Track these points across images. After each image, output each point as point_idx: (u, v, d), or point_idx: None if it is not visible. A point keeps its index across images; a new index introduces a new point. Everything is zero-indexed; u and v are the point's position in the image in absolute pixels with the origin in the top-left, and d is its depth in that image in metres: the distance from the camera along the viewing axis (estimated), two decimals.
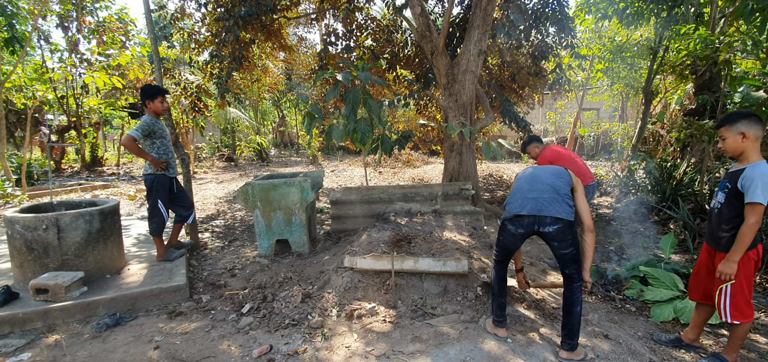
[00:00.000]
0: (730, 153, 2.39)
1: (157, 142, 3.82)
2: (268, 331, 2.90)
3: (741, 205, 2.27)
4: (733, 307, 2.34)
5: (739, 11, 3.61)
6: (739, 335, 2.41)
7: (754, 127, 2.26)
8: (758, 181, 2.17)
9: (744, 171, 2.26)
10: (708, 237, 2.54)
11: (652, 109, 9.35)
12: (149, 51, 8.70)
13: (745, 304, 2.33)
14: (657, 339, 2.84)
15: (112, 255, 3.64)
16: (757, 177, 2.18)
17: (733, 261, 2.29)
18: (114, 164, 13.87)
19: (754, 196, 2.18)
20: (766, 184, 2.16)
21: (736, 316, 2.34)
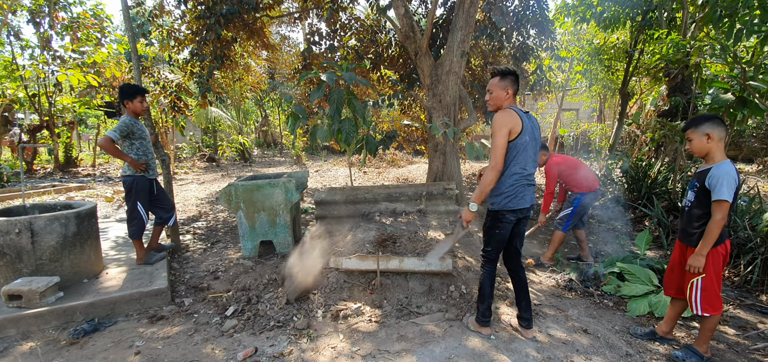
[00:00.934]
0: (696, 153, 2.53)
1: (136, 143, 3.74)
2: (252, 334, 2.88)
3: (709, 203, 2.40)
4: (703, 300, 2.46)
5: (709, 17, 3.77)
6: (709, 327, 2.53)
7: (717, 129, 2.41)
8: (723, 180, 2.31)
9: (710, 170, 2.40)
10: (680, 234, 2.66)
11: (628, 110, 9.65)
12: (126, 48, 8.46)
13: (714, 297, 2.45)
14: (633, 332, 2.95)
15: (90, 259, 3.55)
16: (722, 176, 2.32)
17: (702, 255, 2.41)
18: (89, 165, 13.44)
19: (719, 194, 2.31)
20: (730, 183, 2.30)
21: (707, 309, 2.46)
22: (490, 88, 2.62)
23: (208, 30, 5.99)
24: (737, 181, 2.34)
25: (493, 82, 2.61)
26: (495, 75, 2.62)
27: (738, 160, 11.60)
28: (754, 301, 3.56)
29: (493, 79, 2.62)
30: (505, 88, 2.59)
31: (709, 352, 2.60)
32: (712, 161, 2.44)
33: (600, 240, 5.30)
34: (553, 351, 2.66)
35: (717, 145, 2.43)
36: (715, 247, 2.42)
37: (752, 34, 3.51)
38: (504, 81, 2.59)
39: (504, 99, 2.60)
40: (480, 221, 5.51)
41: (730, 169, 2.35)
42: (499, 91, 2.60)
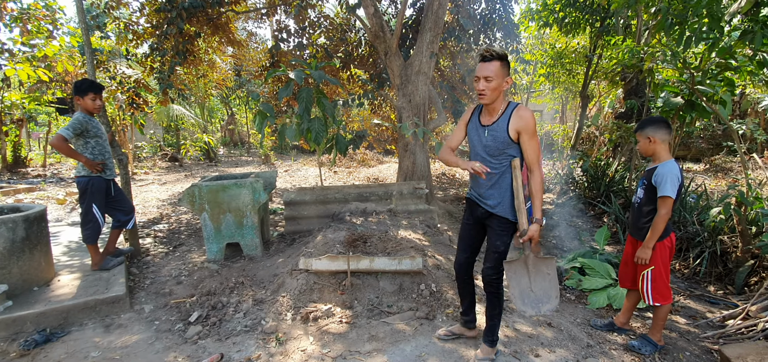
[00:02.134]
0: (643, 153, 2.73)
1: (92, 142, 3.52)
2: (218, 339, 2.78)
3: (656, 199, 2.57)
4: (654, 291, 2.63)
5: (661, 25, 4.00)
6: (661, 316, 2.69)
7: (659, 132, 2.60)
8: (668, 178, 2.50)
9: (656, 168, 2.58)
10: (631, 229, 2.83)
11: (588, 112, 10.11)
12: (80, 41, 7.97)
13: (664, 288, 2.63)
14: (593, 324, 3.08)
15: (40, 265, 3.31)
16: (666, 174, 2.51)
17: (648, 247, 2.59)
18: (40, 165, 12.56)
19: (664, 191, 2.50)
20: (673, 180, 2.49)
21: (657, 299, 2.63)
22: (490, 75, 2.15)
23: (170, 24, 5.74)
24: (680, 179, 2.53)
25: (494, 68, 2.15)
26: (494, 58, 2.15)
27: (687, 159, 12.40)
28: (702, 292, 3.81)
29: (491, 62, 2.16)
30: (505, 77, 2.20)
31: (663, 341, 2.76)
32: (659, 160, 2.62)
33: (563, 236, 5.51)
34: (519, 344, 2.74)
35: (661, 146, 2.61)
36: (662, 240, 2.60)
37: (700, 41, 3.75)
38: (506, 67, 2.20)
39: (503, 90, 2.23)
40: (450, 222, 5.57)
41: (673, 167, 2.53)
42: (501, 80, 2.18)
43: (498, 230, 2.35)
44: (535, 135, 2.20)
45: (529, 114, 2.20)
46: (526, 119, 2.18)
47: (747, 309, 3.04)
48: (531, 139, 2.19)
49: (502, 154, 2.26)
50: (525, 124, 2.18)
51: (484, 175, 2.30)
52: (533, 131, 2.19)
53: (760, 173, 8.05)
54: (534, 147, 2.21)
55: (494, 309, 2.46)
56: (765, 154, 11.17)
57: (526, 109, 2.22)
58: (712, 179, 9.42)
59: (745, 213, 3.78)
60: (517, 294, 2.32)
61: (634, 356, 2.68)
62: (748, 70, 4.09)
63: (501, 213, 2.31)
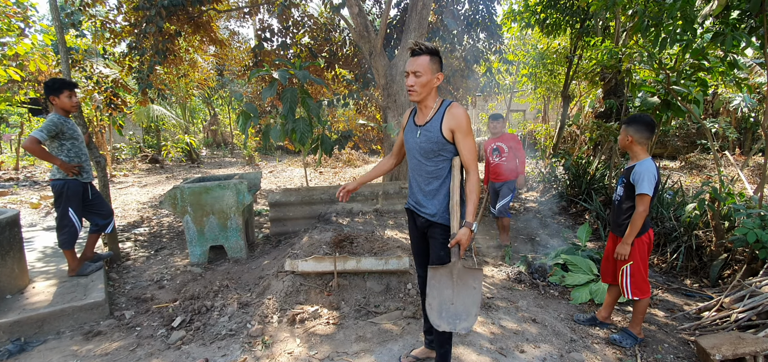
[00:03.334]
0: (620, 148, 2.82)
1: (67, 144, 3.40)
2: (203, 344, 2.73)
3: (635, 197, 2.65)
4: (632, 285, 2.71)
5: (637, 27, 4.11)
6: (640, 309, 2.77)
7: (641, 133, 2.68)
8: (645, 176, 2.58)
9: (634, 167, 2.67)
10: (612, 226, 2.91)
11: (570, 111, 10.31)
12: (54, 39, 7.72)
13: (642, 282, 2.71)
14: (576, 319, 3.15)
15: (13, 272, 3.19)
16: (644, 172, 2.59)
17: (627, 243, 2.67)
18: (12, 168, 12.10)
19: (642, 188, 2.58)
20: (650, 178, 2.58)
21: (636, 292, 2.72)
22: (418, 70, 2.00)
23: (149, 22, 5.60)
24: (657, 177, 2.61)
25: (422, 63, 1.99)
26: (422, 52, 2.01)
27: (663, 157, 12.79)
28: (679, 285, 3.93)
29: (420, 57, 2.00)
30: (435, 73, 2.05)
31: (643, 334, 2.84)
32: (636, 158, 2.71)
33: (547, 233, 5.61)
34: (504, 341, 2.77)
35: (637, 146, 2.70)
36: (640, 236, 2.68)
37: (675, 42, 3.88)
38: (437, 62, 2.05)
39: (434, 86, 2.07)
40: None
41: (650, 165, 2.62)
42: (431, 76, 2.03)
43: (440, 240, 2.13)
44: (469, 133, 2.04)
45: (462, 111, 2.04)
46: (459, 117, 2.02)
47: (721, 302, 3.15)
48: (465, 138, 2.03)
49: (438, 155, 2.08)
50: (458, 123, 2.02)
51: (343, 197, 2.36)
52: (467, 129, 2.03)
53: (732, 170, 8.37)
54: (469, 146, 2.04)
55: (442, 333, 2.19)
56: (737, 151, 11.61)
57: (459, 107, 2.06)
58: (688, 176, 9.74)
59: (719, 208, 3.92)
60: (436, 306, 2.03)
61: (616, 349, 2.75)
62: (719, 70, 4.24)
63: (441, 222, 2.11)
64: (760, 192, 3.90)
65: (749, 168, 9.07)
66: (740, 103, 10.03)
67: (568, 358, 2.61)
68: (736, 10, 3.84)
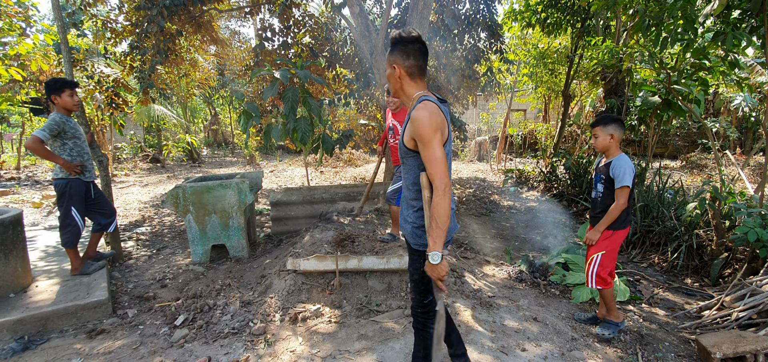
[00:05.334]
0: (599, 148, 2.85)
1: (70, 143, 3.42)
2: (205, 343, 2.75)
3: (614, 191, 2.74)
4: (597, 275, 2.81)
5: (638, 26, 4.12)
6: (608, 297, 2.85)
7: (619, 130, 2.77)
8: (625, 169, 2.67)
9: (612, 163, 2.74)
10: (592, 222, 2.96)
11: (570, 111, 10.31)
12: (55, 39, 7.74)
13: (606, 274, 2.80)
14: (577, 318, 3.16)
15: (16, 271, 3.20)
16: (624, 166, 2.68)
17: (599, 231, 2.77)
18: (13, 167, 12.13)
19: (623, 181, 2.66)
20: (630, 172, 2.66)
21: (599, 282, 2.81)
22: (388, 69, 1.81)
23: (150, 22, 5.61)
24: (634, 170, 2.69)
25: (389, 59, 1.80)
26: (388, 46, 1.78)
27: (664, 156, 12.79)
28: (680, 284, 3.94)
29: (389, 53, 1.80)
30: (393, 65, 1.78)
31: (621, 316, 2.91)
32: (612, 155, 2.78)
33: (548, 233, 5.62)
34: (506, 339, 2.78)
35: (616, 143, 2.78)
36: (620, 230, 2.75)
37: (676, 41, 3.89)
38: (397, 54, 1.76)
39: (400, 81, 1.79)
40: None
41: (628, 160, 2.71)
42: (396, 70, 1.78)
43: (409, 253, 1.97)
44: (430, 142, 1.64)
45: (422, 114, 1.64)
46: (416, 122, 1.65)
47: (722, 300, 3.16)
48: (425, 149, 1.65)
49: (404, 163, 1.86)
50: (415, 128, 1.66)
51: None
52: (427, 137, 1.63)
53: (733, 169, 8.37)
54: (429, 156, 1.65)
55: (417, 351, 2.07)
56: (737, 151, 11.60)
57: (421, 109, 1.66)
58: (688, 175, 9.74)
59: (720, 208, 3.93)
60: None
61: (616, 348, 2.76)
62: (720, 69, 4.25)
63: (406, 235, 1.92)
64: (761, 192, 3.90)
65: (750, 167, 9.07)
66: (741, 103, 10.03)
67: (569, 357, 2.62)
68: (736, 9, 3.85)
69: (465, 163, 14.49)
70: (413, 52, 1.74)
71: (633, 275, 4.06)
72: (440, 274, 1.68)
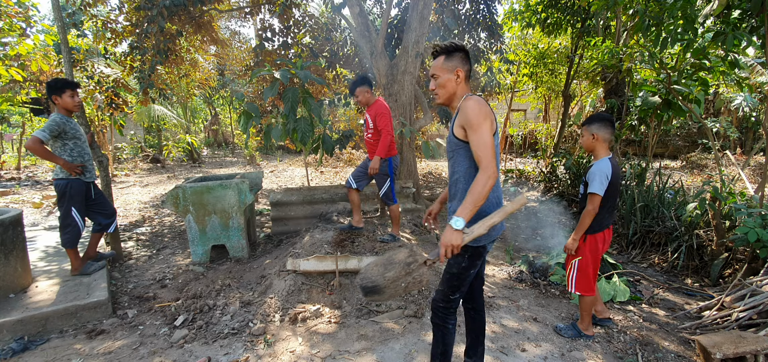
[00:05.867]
0: (584, 148, 2.81)
1: (70, 144, 3.42)
2: (205, 343, 2.75)
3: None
4: (577, 280, 2.77)
5: (638, 26, 4.12)
6: (585, 306, 2.82)
7: (603, 130, 2.69)
8: (597, 176, 2.61)
9: (591, 166, 2.71)
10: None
11: (571, 111, 10.31)
12: (56, 40, 7.74)
13: (587, 280, 2.75)
14: (577, 317, 3.16)
15: (16, 271, 3.20)
16: (596, 172, 2.62)
17: (575, 240, 2.73)
18: (14, 168, 12.14)
19: (592, 188, 2.63)
20: (602, 178, 2.60)
21: (579, 288, 2.77)
22: (435, 72, 1.94)
23: (150, 22, 5.62)
24: (609, 177, 2.61)
25: (437, 65, 1.94)
26: (439, 54, 1.95)
27: (664, 156, 12.79)
28: (680, 284, 3.94)
29: (436, 59, 1.95)
30: (454, 70, 1.91)
31: (592, 331, 2.85)
32: (597, 158, 2.73)
33: (548, 233, 5.62)
34: (506, 340, 2.78)
35: (601, 144, 2.70)
36: (594, 234, 2.71)
37: (676, 42, 3.89)
38: (451, 60, 1.91)
39: (455, 85, 1.93)
40: None
41: (604, 165, 2.63)
42: (447, 74, 1.91)
43: None
44: (479, 127, 1.78)
45: (472, 103, 1.82)
46: (466, 110, 1.82)
47: (722, 301, 3.16)
48: (474, 133, 1.79)
49: (453, 157, 1.96)
50: (465, 117, 1.82)
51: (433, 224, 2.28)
52: (476, 123, 1.78)
53: (733, 169, 8.37)
54: (477, 141, 1.78)
55: (436, 347, 2.07)
56: (738, 151, 11.60)
57: (470, 99, 1.85)
58: (689, 175, 9.73)
59: (720, 208, 3.92)
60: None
61: (616, 348, 2.76)
62: (720, 69, 4.24)
63: None
64: (761, 192, 3.90)
65: (750, 167, 9.07)
66: (741, 103, 10.02)
67: (569, 357, 2.62)
68: (736, 9, 3.84)
69: None
70: (468, 59, 1.97)
71: (633, 275, 4.06)
72: (454, 243, 1.73)
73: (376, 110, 3.86)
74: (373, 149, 3.93)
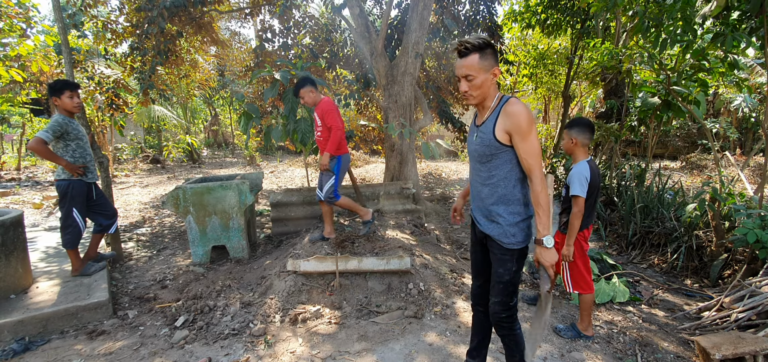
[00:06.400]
0: (565, 151, 2.88)
1: (72, 145, 3.43)
2: (206, 344, 2.75)
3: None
4: (572, 279, 2.83)
5: (638, 28, 4.13)
6: (585, 305, 2.84)
7: (582, 135, 2.73)
8: (575, 178, 2.67)
9: (572, 169, 2.75)
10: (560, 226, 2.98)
11: (570, 112, 10.31)
12: (56, 40, 7.76)
13: (581, 278, 2.80)
14: (577, 318, 3.16)
15: (17, 272, 3.21)
16: (575, 174, 2.68)
17: (569, 245, 2.76)
18: (14, 168, 12.14)
19: (573, 191, 2.67)
20: (582, 181, 2.64)
21: (576, 287, 2.82)
22: (469, 73, 1.76)
23: (150, 23, 5.63)
24: (589, 178, 2.65)
25: (471, 63, 1.75)
26: (471, 50, 1.75)
27: (664, 157, 12.79)
28: (680, 285, 3.95)
29: (469, 57, 1.75)
30: (490, 69, 1.77)
31: (592, 331, 2.87)
32: (575, 161, 2.78)
33: None
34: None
35: (579, 148, 2.75)
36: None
37: (675, 43, 3.89)
38: (486, 58, 1.76)
39: (491, 85, 1.81)
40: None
41: (583, 168, 2.68)
42: (484, 74, 1.76)
43: (498, 254, 1.90)
44: (529, 134, 1.73)
45: (521, 109, 1.73)
46: (516, 116, 1.72)
47: (721, 301, 3.16)
48: (523, 140, 1.74)
49: (491, 160, 1.84)
50: (514, 122, 1.73)
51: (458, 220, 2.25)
52: (526, 130, 1.72)
53: (732, 170, 8.37)
54: (527, 148, 1.74)
55: (512, 356, 2.02)
56: (737, 151, 11.61)
57: (517, 103, 1.76)
58: (689, 176, 9.74)
59: (719, 209, 3.93)
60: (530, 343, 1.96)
61: (615, 349, 2.77)
62: (720, 70, 4.25)
63: (495, 236, 1.88)
64: (760, 193, 3.91)
65: (750, 168, 9.08)
66: (741, 104, 10.04)
67: (568, 357, 2.63)
68: (736, 10, 3.85)
69: (465, 163, 14.48)
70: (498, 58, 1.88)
71: (633, 276, 4.07)
72: (554, 260, 1.77)
73: (323, 108, 3.83)
74: (324, 147, 3.89)
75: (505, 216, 1.85)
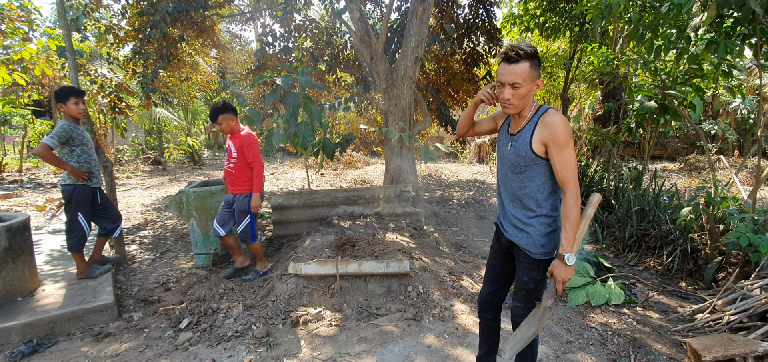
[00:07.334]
0: None
1: (77, 150, 3.50)
2: (209, 346, 2.82)
3: None
4: None
5: (633, 34, 4.19)
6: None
7: None
8: None
9: None
10: None
11: (569, 113, 10.38)
12: (59, 44, 7.83)
13: None
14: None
15: (24, 275, 3.28)
16: None
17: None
18: (16, 170, 12.21)
19: None
20: None
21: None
22: (517, 81, 1.71)
23: (153, 27, 5.70)
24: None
25: (521, 72, 1.70)
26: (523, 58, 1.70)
27: (663, 158, 12.85)
28: (675, 287, 4.01)
29: (519, 64, 1.70)
30: (535, 80, 1.75)
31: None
32: None
33: None
34: (503, 343, 2.85)
35: None
36: None
37: (670, 49, 3.96)
38: (535, 69, 1.73)
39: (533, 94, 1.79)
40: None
41: None
42: (530, 84, 1.74)
43: (524, 263, 1.92)
44: (566, 147, 1.71)
45: (559, 120, 1.71)
46: (555, 127, 1.70)
47: (714, 304, 3.23)
48: (560, 153, 1.71)
49: (525, 171, 1.83)
50: (552, 134, 1.71)
51: None
52: (564, 142, 1.70)
53: (727, 173, 8.43)
54: (563, 161, 1.71)
55: (524, 358, 2.06)
56: (736, 153, 11.67)
57: (555, 114, 1.73)
58: (687, 178, 9.80)
59: (713, 212, 3.99)
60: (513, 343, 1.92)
61: (610, 350, 2.83)
62: (713, 76, 4.31)
63: (523, 246, 1.89)
64: (753, 197, 3.97)
65: (747, 170, 9.13)
66: (739, 105, 10.10)
67: (564, 359, 2.69)
68: (729, 18, 3.92)
69: (465, 165, 14.55)
70: None
71: (628, 278, 4.13)
72: (568, 276, 1.73)
73: (244, 142, 3.72)
74: (233, 180, 3.79)
75: (536, 226, 1.85)
